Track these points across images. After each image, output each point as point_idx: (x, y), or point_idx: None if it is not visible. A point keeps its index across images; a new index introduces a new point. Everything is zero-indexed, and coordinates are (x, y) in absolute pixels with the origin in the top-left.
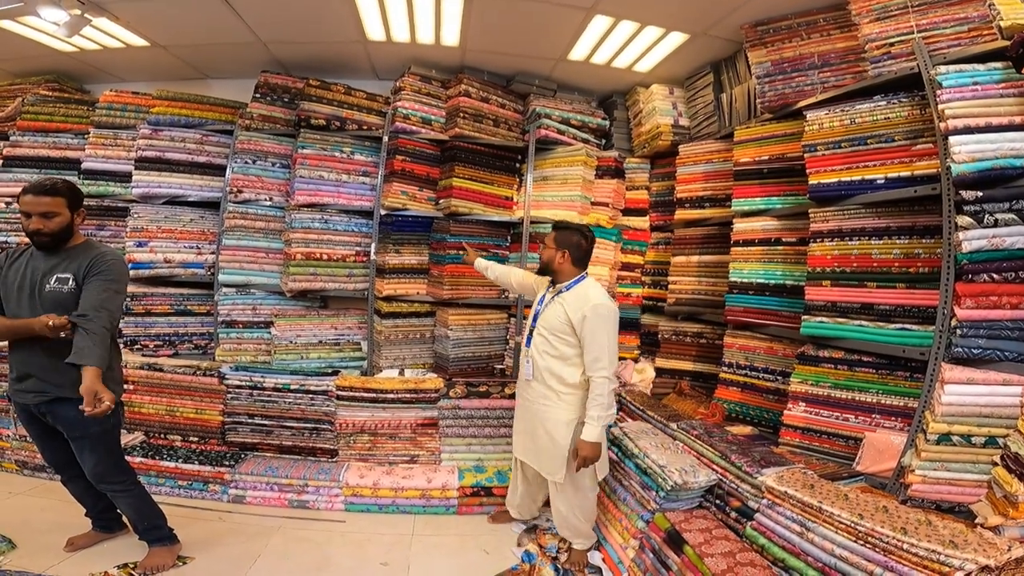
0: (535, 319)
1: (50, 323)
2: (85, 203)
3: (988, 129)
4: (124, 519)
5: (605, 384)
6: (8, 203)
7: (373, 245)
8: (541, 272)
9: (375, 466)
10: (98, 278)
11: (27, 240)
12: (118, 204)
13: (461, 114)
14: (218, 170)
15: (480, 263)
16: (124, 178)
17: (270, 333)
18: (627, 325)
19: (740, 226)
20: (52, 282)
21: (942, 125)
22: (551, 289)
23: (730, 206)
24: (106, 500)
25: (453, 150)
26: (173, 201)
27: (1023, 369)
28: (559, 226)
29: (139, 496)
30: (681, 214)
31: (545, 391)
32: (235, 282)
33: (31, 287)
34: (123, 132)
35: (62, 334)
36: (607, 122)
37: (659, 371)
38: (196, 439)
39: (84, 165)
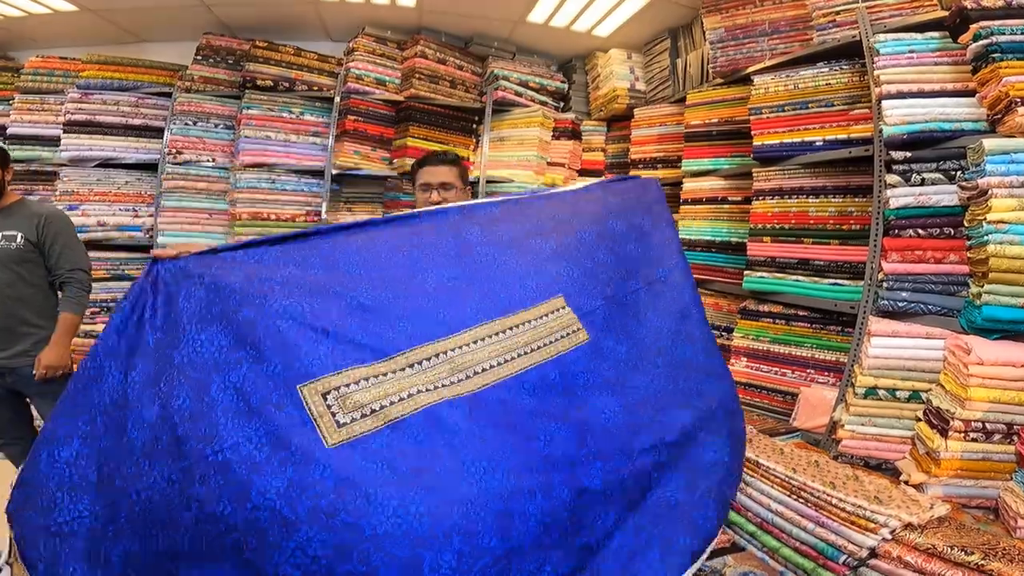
0: None
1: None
2: (13, 168)
3: (920, 95)
4: None
5: None
6: None
7: (324, 204)
8: None
9: None
10: (61, 237)
11: None
12: (46, 168)
13: (417, 75)
14: (156, 132)
15: None
16: (53, 142)
17: None
18: None
19: (689, 185)
20: None
21: (877, 90)
22: None
23: (681, 167)
24: None
25: (408, 111)
26: (107, 164)
27: (946, 323)
28: (453, 159)
29: None
30: (635, 175)
31: None
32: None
33: None
34: (51, 97)
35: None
36: (565, 85)
37: None
38: None
39: (9, 131)
